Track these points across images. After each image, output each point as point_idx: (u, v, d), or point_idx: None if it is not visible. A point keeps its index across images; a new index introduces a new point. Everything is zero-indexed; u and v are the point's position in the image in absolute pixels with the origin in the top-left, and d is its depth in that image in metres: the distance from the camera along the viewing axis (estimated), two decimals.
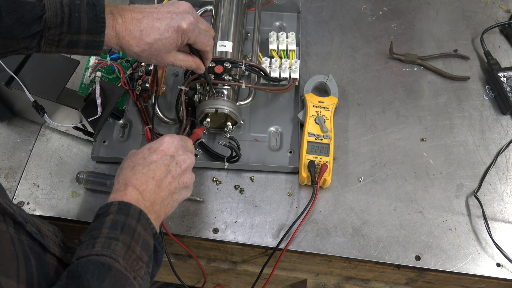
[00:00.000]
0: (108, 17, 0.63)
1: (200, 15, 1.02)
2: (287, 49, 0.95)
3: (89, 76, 0.92)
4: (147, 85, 0.88)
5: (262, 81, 0.93)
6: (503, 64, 1.00)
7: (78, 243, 0.58)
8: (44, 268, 0.55)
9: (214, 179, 0.87)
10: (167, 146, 0.67)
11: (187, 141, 0.72)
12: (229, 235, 0.82)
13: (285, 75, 0.90)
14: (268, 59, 0.91)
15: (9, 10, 0.57)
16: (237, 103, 0.88)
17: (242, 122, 0.91)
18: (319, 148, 0.85)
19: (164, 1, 0.96)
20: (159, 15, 0.67)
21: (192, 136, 0.79)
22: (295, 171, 0.87)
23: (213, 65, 0.84)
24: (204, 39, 0.71)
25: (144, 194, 0.62)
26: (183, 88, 0.86)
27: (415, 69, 1.01)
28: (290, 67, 0.91)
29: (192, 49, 0.73)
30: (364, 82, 0.99)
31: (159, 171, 0.64)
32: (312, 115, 0.88)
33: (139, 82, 0.89)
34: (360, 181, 0.87)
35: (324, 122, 0.87)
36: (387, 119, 0.94)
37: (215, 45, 0.90)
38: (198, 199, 0.84)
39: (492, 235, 0.81)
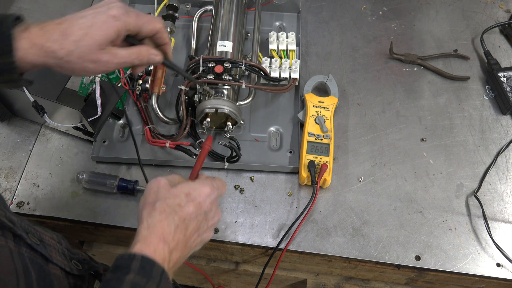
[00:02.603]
0: (19, 30, 0.54)
1: (200, 15, 1.02)
2: (287, 49, 0.95)
3: (89, 76, 0.92)
4: (147, 85, 0.88)
5: (262, 81, 0.92)
6: (503, 64, 1.00)
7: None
8: (46, 280, 0.55)
9: None
10: (204, 199, 0.61)
11: (223, 190, 0.66)
12: (229, 235, 0.82)
13: (285, 75, 0.90)
14: (268, 59, 0.91)
15: None
16: (237, 103, 0.88)
17: (242, 122, 0.91)
18: (319, 148, 0.85)
19: None
20: (83, 13, 0.59)
21: (202, 153, 0.68)
22: (295, 171, 0.87)
23: (213, 65, 0.84)
24: (147, 18, 0.61)
25: (172, 254, 0.56)
26: (183, 88, 0.86)
27: (415, 69, 1.01)
28: (290, 67, 0.91)
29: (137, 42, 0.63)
30: (364, 82, 0.99)
31: (191, 228, 0.59)
32: (312, 115, 0.88)
33: (139, 82, 0.89)
34: (360, 181, 0.87)
35: (324, 122, 0.87)
36: (387, 119, 0.94)
37: (215, 45, 0.90)
38: None
39: (492, 235, 0.81)
